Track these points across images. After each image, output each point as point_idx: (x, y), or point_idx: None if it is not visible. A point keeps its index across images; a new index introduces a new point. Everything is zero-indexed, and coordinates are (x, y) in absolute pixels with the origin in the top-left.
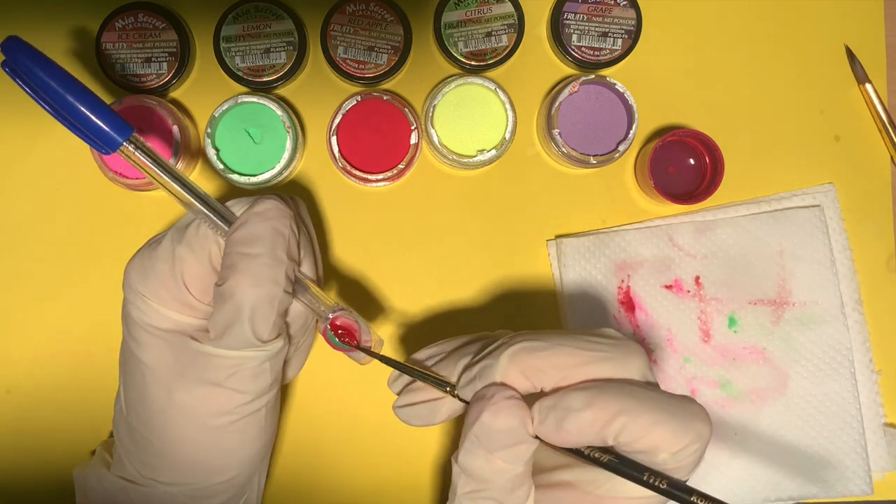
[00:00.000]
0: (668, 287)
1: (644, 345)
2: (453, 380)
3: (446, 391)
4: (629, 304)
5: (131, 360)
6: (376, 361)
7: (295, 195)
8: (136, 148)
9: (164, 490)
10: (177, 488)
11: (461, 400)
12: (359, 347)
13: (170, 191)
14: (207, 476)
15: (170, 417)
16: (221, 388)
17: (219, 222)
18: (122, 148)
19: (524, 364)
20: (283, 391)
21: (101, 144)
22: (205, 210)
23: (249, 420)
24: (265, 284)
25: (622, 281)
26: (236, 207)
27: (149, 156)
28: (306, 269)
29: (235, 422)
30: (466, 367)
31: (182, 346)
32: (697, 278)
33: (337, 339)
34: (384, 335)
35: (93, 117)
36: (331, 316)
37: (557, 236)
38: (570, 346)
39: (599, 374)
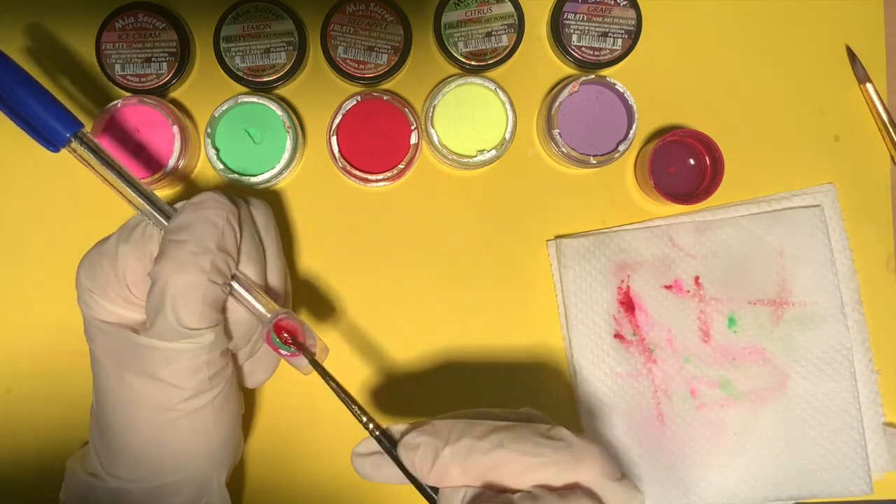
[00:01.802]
0: (668, 287)
1: (644, 345)
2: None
3: (366, 427)
4: (629, 304)
5: (91, 356)
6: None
7: (260, 201)
8: (82, 143)
9: (122, 487)
10: (134, 485)
11: (375, 437)
12: (302, 351)
13: (117, 189)
14: (159, 474)
15: (119, 411)
16: (159, 382)
17: (162, 220)
18: (68, 144)
19: (466, 464)
20: (251, 397)
21: (48, 140)
22: (150, 208)
23: (194, 417)
24: (189, 271)
25: (622, 281)
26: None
27: (97, 153)
28: (252, 272)
29: (179, 419)
30: (410, 431)
31: (125, 339)
32: (697, 278)
33: (279, 341)
34: (383, 335)
35: (40, 111)
36: (278, 317)
37: (557, 236)
38: (514, 451)
39: (542, 480)
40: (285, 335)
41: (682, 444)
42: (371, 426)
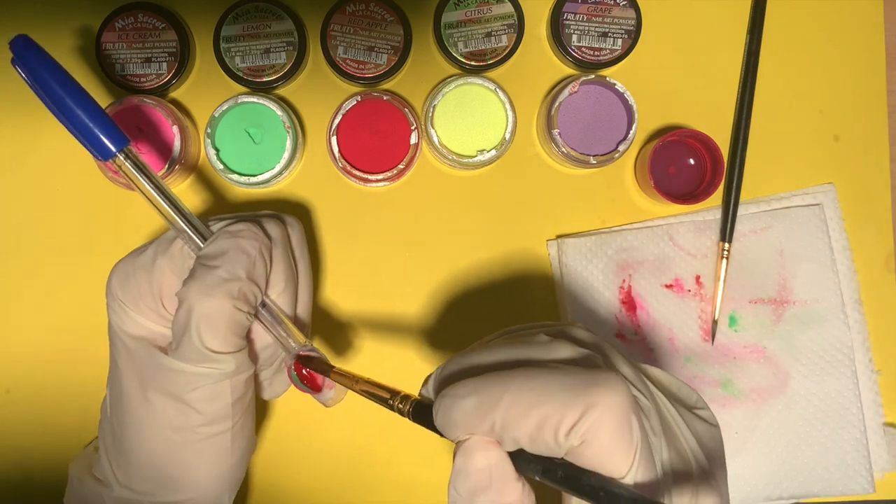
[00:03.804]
0: (669, 286)
1: (645, 344)
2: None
3: (388, 403)
4: (630, 303)
5: (111, 363)
6: (344, 401)
7: (294, 219)
8: (127, 158)
9: (132, 498)
10: (144, 498)
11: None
12: (327, 371)
13: (155, 206)
14: (172, 490)
15: (138, 424)
16: (181, 404)
17: (198, 241)
18: (114, 158)
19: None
20: (263, 408)
21: (96, 151)
22: (186, 228)
23: (214, 441)
24: (216, 295)
25: (623, 281)
26: (219, 225)
27: (140, 169)
28: (284, 302)
29: (198, 441)
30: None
31: (151, 358)
32: (698, 277)
33: (298, 380)
34: (384, 336)
35: (90, 124)
36: (301, 354)
37: (558, 236)
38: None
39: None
40: (304, 373)
41: None
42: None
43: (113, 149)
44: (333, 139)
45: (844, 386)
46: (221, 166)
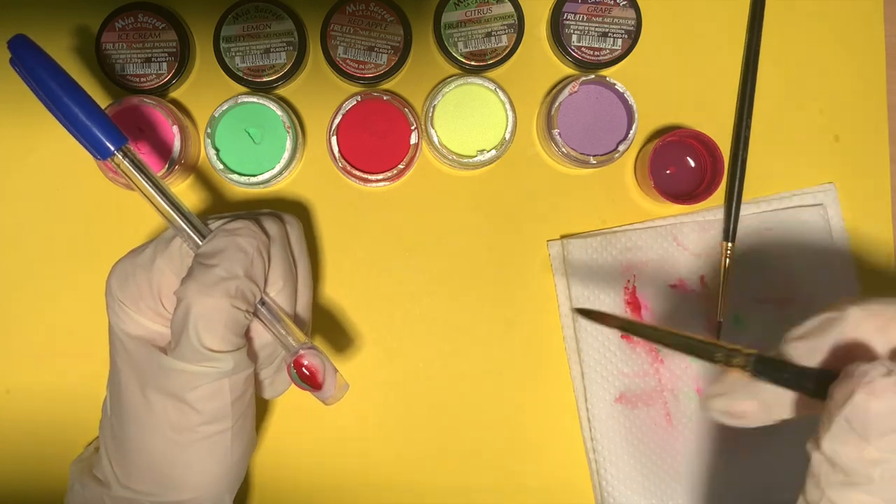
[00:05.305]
0: (674, 286)
1: (650, 345)
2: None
3: (721, 361)
4: (635, 304)
5: (111, 362)
6: (346, 400)
7: (294, 217)
8: (126, 157)
9: (133, 498)
10: (146, 498)
11: (755, 373)
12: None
13: (154, 205)
14: (172, 490)
15: (138, 423)
16: (180, 403)
17: (197, 239)
18: (113, 157)
19: (881, 316)
20: (263, 407)
21: (94, 150)
22: (185, 227)
23: (214, 440)
24: (214, 294)
25: (628, 281)
26: (217, 224)
27: (138, 168)
28: (283, 300)
29: (198, 440)
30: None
31: (150, 357)
32: (702, 277)
33: (298, 378)
34: (384, 336)
35: (88, 124)
36: (301, 352)
37: (562, 236)
38: None
39: None
40: (304, 371)
41: (689, 443)
42: (722, 356)
43: (111, 147)
44: (333, 139)
45: None
46: (221, 166)
